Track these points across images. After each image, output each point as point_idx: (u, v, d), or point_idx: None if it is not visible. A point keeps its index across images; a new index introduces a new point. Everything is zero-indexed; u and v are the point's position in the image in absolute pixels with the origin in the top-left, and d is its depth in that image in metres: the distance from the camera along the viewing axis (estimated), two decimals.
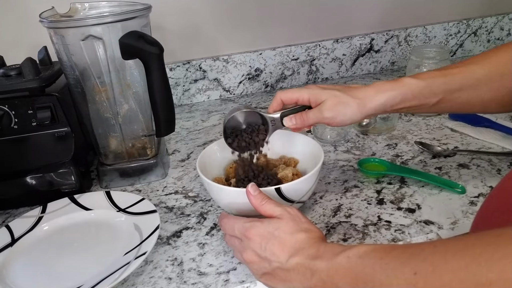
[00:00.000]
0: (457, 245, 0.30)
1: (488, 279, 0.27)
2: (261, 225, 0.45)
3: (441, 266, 0.29)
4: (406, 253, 0.33)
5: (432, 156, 0.73)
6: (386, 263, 0.34)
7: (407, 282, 0.31)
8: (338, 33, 1.13)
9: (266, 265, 0.44)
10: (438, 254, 0.31)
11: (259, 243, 0.44)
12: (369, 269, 0.35)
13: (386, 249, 0.36)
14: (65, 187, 0.68)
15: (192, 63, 1.04)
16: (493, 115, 0.85)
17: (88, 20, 0.61)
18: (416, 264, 0.31)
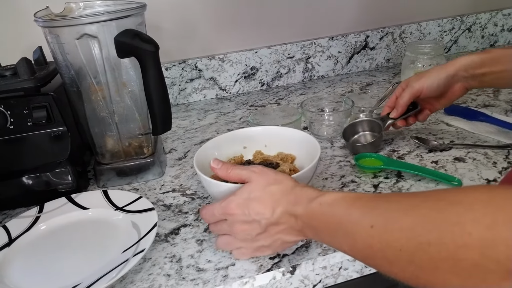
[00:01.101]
0: (406, 204, 0.34)
1: (428, 239, 0.30)
2: (236, 197, 0.48)
3: (393, 223, 0.34)
4: (367, 206, 0.38)
5: (428, 151, 0.73)
6: (350, 214, 0.38)
7: (366, 234, 0.36)
8: (333, 30, 1.14)
9: (256, 226, 0.46)
10: (391, 211, 0.35)
11: (242, 212, 0.47)
12: (337, 217, 0.40)
13: (351, 199, 0.40)
14: (62, 187, 0.68)
15: (188, 62, 1.04)
16: (488, 109, 0.85)
17: (83, 19, 0.61)
18: (373, 218, 0.36)
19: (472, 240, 0.28)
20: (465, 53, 1.25)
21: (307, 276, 0.51)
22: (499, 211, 0.27)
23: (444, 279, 0.30)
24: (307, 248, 0.53)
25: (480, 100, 0.91)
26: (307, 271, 0.51)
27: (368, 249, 0.36)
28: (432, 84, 0.66)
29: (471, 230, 0.28)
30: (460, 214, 0.29)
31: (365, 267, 0.54)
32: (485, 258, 0.27)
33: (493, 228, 0.27)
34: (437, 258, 0.30)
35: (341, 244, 0.40)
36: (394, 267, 0.34)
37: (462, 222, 0.29)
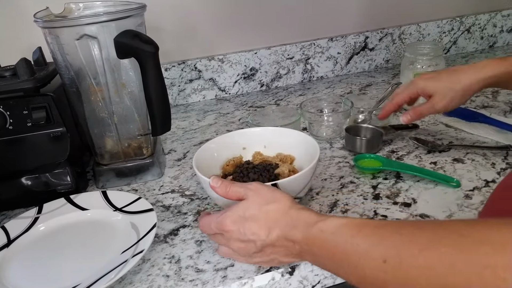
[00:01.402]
0: (422, 238, 0.31)
1: (452, 283, 0.28)
2: (231, 213, 0.46)
3: (409, 261, 0.30)
4: (375, 235, 0.34)
5: (427, 151, 0.73)
6: (357, 244, 0.35)
7: (377, 268, 0.33)
8: (333, 31, 1.14)
9: (252, 245, 0.45)
10: (405, 245, 0.31)
11: (237, 229, 0.45)
12: (342, 246, 0.36)
13: (356, 226, 0.37)
14: (61, 187, 0.68)
15: (187, 63, 1.04)
16: (487, 110, 0.85)
17: (82, 19, 0.61)
18: (385, 251, 0.32)
19: (507, 286, 0.25)
20: (464, 54, 1.25)
21: (306, 277, 0.51)
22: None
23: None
24: None
25: (479, 101, 0.91)
26: (306, 272, 0.51)
27: (380, 283, 0.33)
28: (453, 107, 0.64)
29: (504, 275, 0.25)
30: (490, 256, 0.27)
31: None
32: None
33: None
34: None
35: (348, 275, 0.37)
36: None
37: (492, 266, 0.26)
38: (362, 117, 0.82)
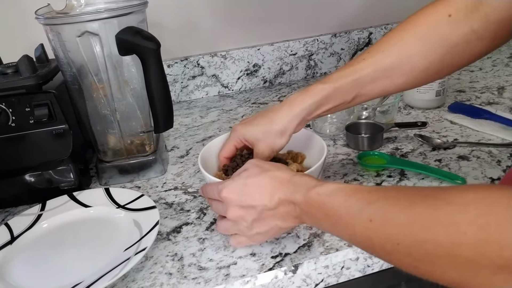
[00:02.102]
0: (404, 201, 0.35)
1: (424, 238, 0.32)
2: (232, 182, 0.48)
3: (390, 220, 0.35)
4: (364, 199, 0.38)
5: (432, 149, 0.73)
6: (349, 206, 0.39)
7: (365, 227, 0.37)
8: (336, 27, 1.13)
9: (252, 211, 0.46)
10: (389, 208, 0.36)
11: (237, 197, 0.47)
12: (336, 208, 0.40)
13: (348, 190, 0.41)
14: (64, 184, 0.68)
15: (190, 59, 1.04)
16: (493, 107, 0.84)
17: (84, 16, 0.61)
18: (371, 212, 0.37)
19: (467, 240, 0.30)
20: None
21: (309, 275, 0.51)
22: (490, 214, 0.29)
23: (442, 272, 0.32)
24: (309, 247, 0.53)
25: (484, 98, 0.90)
26: (309, 270, 0.51)
27: (367, 240, 0.38)
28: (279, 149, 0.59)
29: (466, 230, 0.30)
30: (455, 214, 0.31)
31: (367, 266, 0.53)
32: (479, 256, 0.29)
33: (486, 229, 0.29)
34: (434, 254, 0.32)
35: (341, 233, 0.41)
36: (393, 258, 0.36)
37: (457, 223, 0.30)
38: (366, 114, 0.81)
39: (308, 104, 0.56)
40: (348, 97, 0.56)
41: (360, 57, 0.56)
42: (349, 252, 0.52)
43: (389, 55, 0.54)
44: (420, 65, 0.53)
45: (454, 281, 0.32)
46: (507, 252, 0.28)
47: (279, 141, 0.58)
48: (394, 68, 0.54)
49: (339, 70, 0.56)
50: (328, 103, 0.56)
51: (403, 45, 0.53)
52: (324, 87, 0.55)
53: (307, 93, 0.56)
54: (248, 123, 0.60)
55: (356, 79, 0.55)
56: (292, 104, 0.57)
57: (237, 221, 0.48)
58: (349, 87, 0.55)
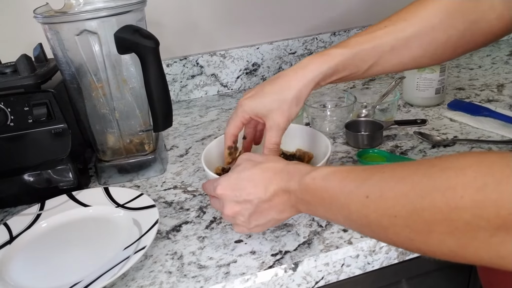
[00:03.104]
0: (400, 173, 0.35)
1: (422, 205, 0.32)
2: (225, 178, 0.48)
3: (387, 192, 0.35)
4: (360, 177, 0.38)
5: (432, 146, 0.72)
6: (344, 186, 0.39)
7: (361, 204, 0.36)
8: (335, 26, 1.13)
9: (248, 206, 0.46)
10: (385, 180, 0.35)
11: (232, 193, 0.47)
12: (331, 190, 0.40)
13: (344, 172, 0.40)
14: (63, 184, 0.68)
15: (189, 58, 1.03)
16: (492, 104, 0.84)
17: (82, 15, 0.60)
18: (368, 188, 0.36)
19: (464, 203, 0.29)
20: None
21: (309, 273, 0.51)
22: (488, 174, 0.29)
23: (439, 240, 0.32)
24: (309, 245, 0.53)
25: (484, 95, 0.90)
26: (309, 268, 0.51)
27: (363, 218, 0.37)
28: (294, 118, 0.55)
29: (462, 193, 0.29)
30: (452, 178, 0.31)
31: (368, 263, 0.53)
32: (477, 218, 0.29)
33: (483, 190, 0.29)
34: (432, 221, 0.31)
35: (336, 216, 0.40)
36: (389, 233, 0.35)
37: (453, 187, 0.30)
38: (365, 112, 0.81)
39: (325, 68, 0.52)
40: (365, 65, 0.53)
41: (382, 24, 0.54)
42: (349, 250, 0.52)
43: (412, 24, 0.52)
44: (439, 38, 0.52)
45: (451, 249, 0.31)
46: (505, 211, 0.27)
47: (294, 108, 0.53)
48: (415, 39, 0.52)
49: (358, 35, 0.54)
50: (345, 69, 0.53)
51: (426, 15, 0.52)
52: (343, 52, 0.52)
53: (323, 56, 0.53)
54: (256, 94, 0.54)
55: (376, 46, 0.52)
56: (307, 67, 0.52)
57: (234, 216, 0.48)
58: (368, 54, 0.53)
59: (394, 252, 0.54)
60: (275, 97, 0.53)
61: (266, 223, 0.48)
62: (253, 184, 0.46)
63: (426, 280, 0.63)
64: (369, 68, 0.54)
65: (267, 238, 0.55)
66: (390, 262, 0.54)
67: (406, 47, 0.53)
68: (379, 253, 0.53)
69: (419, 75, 0.85)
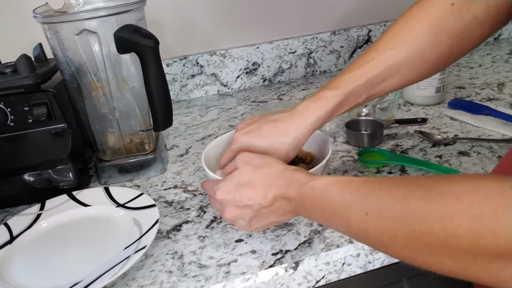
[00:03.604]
0: (397, 193, 0.35)
1: (420, 229, 0.32)
2: (225, 183, 0.48)
3: (386, 212, 0.35)
4: (359, 192, 0.38)
5: (432, 145, 0.72)
6: (343, 199, 0.39)
7: (361, 220, 0.37)
8: (335, 25, 1.13)
9: (248, 211, 0.47)
10: (383, 200, 0.36)
11: (232, 198, 0.47)
12: (331, 202, 0.40)
13: (343, 183, 0.40)
14: (63, 184, 0.68)
15: (189, 58, 1.03)
16: (493, 103, 0.84)
17: (82, 14, 0.60)
18: (367, 206, 0.37)
19: (461, 231, 0.30)
20: None
21: (310, 272, 0.51)
22: (484, 203, 0.29)
23: (439, 261, 0.32)
24: (309, 244, 0.53)
25: (484, 94, 0.90)
26: (310, 267, 0.50)
27: (364, 233, 0.38)
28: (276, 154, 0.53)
29: (460, 222, 0.30)
30: (448, 205, 0.31)
31: (368, 262, 0.53)
32: (475, 246, 0.29)
33: (480, 220, 0.29)
34: (430, 245, 0.32)
35: (337, 226, 0.41)
36: (390, 250, 0.36)
37: (450, 214, 0.30)
38: (366, 111, 0.81)
39: (322, 113, 0.53)
40: (360, 100, 0.55)
41: (368, 55, 0.54)
42: (350, 249, 0.52)
43: (399, 51, 0.52)
44: (429, 58, 0.53)
45: (451, 270, 0.32)
46: (503, 241, 0.28)
47: (292, 153, 0.54)
48: (405, 64, 0.53)
49: (348, 72, 0.54)
50: (342, 108, 0.54)
51: (412, 40, 0.52)
52: (337, 94, 0.53)
53: (319, 101, 0.53)
54: (254, 133, 0.54)
55: (368, 80, 0.53)
56: (305, 114, 0.53)
57: (235, 220, 0.48)
58: (361, 90, 0.53)
59: None
60: (273, 141, 0.53)
61: (267, 225, 0.49)
62: (254, 191, 0.46)
63: (427, 279, 0.63)
64: (365, 100, 0.55)
65: (267, 237, 0.55)
66: (391, 261, 0.54)
67: (397, 73, 0.53)
68: (380, 252, 0.53)
69: None
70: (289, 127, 0.53)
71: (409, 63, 0.53)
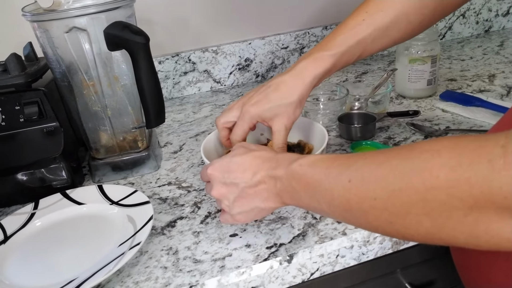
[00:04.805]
0: (381, 158, 0.36)
1: (399, 186, 0.33)
2: (218, 160, 0.50)
3: (368, 176, 0.36)
4: (344, 164, 0.39)
5: (424, 137, 0.73)
6: (329, 172, 0.40)
7: (344, 188, 0.38)
8: (327, 20, 1.13)
9: (234, 189, 0.48)
10: (367, 166, 0.37)
11: (221, 175, 0.49)
12: (317, 176, 0.41)
13: (330, 159, 0.41)
14: (56, 182, 0.67)
15: (181, 55, 1.03)
16: (483, 94, 0.85)
17: (71, 12, 0.60)
18: (350, 173, 0.38)
19: (439, 182, 0.30)
20: (459, 39, 1.24)
21: (304, 265, 0.51)
22: (461, 155, 0.30)
23: (416, 221, 0.33)
24: (303, 237, 0.53)
25: (476, 86, 0.91)
26: (304, 260, 0.51)
27: (345, 203, 0.38)
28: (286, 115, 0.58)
29: (438, 173, 0.31)
30: (428, 160, 0.32)
31: (362, 254, 0.53)
32: (451, 197, 0.30)
33: (457, 170, 0.30)
34: (409, 202, 0.33)
35: (320, 202, 0.41)
36: (370, 216, 0.36)
37: (430, 167, 0.31)
38: (358, 105, 0.82)
39: (319, 72, 0.57)
40: (352, 59, 0.58)
41: (359, 17, 0.58)
42: (344, 241, 0.52)
43: (388, 14, 0.56)
44: (415, 20, 0.57)
45: (428, 230, 0.33)
46: (477, 189, 0.28)
47: (298, 111, 0.58)
48: (393, 26, 0.57)
49: (341, 33, 0.58)
50: (336, 67, 0.58)
51: (399, 3, 0.56)
52: (332, 54, 0.57)
53: (316, 61, 0.57)
54: (261, 101, 0.58)
55: (360, 40, 0.57)
56: (304, 73, 0.57)
57: (220, 199, 0.49)
58: (354, 50, 0.57)
59: (388, 242, 0.54)
60: (279, 103, 0.57)
61: (249, 211, 0.48)
62: (242, 169, 0.47)
63: (421, 269, 0.64)
64: (354, 60, 0.59)
65: (261, 231, 0.55)
66: (385, 252, 0.55)
67: (385, 35, 0.58)
68: (374, 244, 0.53)
69: (410, 66, 0.85)
70: (293, 88, 0.57)
71: (396, 25, 0.57)
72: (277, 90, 0.58)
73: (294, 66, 0.59)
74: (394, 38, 0.59)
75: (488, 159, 0.28)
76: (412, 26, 0.58)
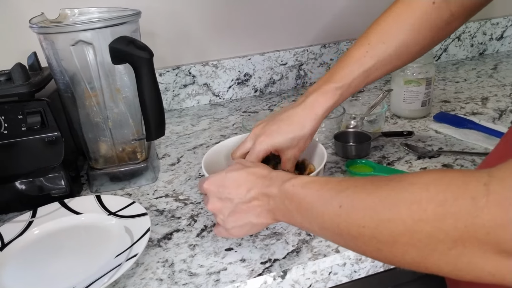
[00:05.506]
0: (371, 187, 0.37)
1: (388, 217, 0.34)
2: (213, 175, 0.52)
3: (358, 204, 0.37)
4: (335, 189, 0.41)
5: (417, 157, 0.75)
6: (321, 195, 0.41)
7: (334, 213, 0.39)
8: (326, 38, 1.15)
9: (228, 204, 0.49)
10: (357, 194, 0.38)
11: (216, 190, 0.50)
12: (309, 198, 0.42)
13: (323, 182, 0.43)
14: (55, 191, 0.68)
15: (181, 68, 1.05)
16: (476, 117, 0.87)
17: (77, 26, 0.62)
18: (341, 199, 0.39)
19: (427, 215, 0.32)
20: (454, 61, 1.27)
21: (297, 281, 0.52)
22: (448, 190, 0.31)
23: (403, 250, 0.34)
24: (297, 253, 0.54)
25: (469, 108, 0.93)
26: (297, 276, 0.52)
27: (335, 227, 0.39)
28: (297, 147, 0.62)
29: (426, 207, 0.32)
30: (417, 193, 0.33)
31: (354, 271, 0.55)
32: (437, 230, 0.31)
33: (443, 204, 0.31)
34: (396, 232, 0.34)
35: (311, 224, 0.43)
36: (359, 241, 0.38)
37: (419, 200, 0.33)
38: (354, 123, 0.83)
39: (329, 105, 0.60)
40: (358, 88, 0.62)
41: (362, 48, 0.61)
42: (337, 258, 0.53)
43: (390, 46, 0.60)
44: (414, 50, 0.61)
45: (414, 260, 0.34)
46: (461, 223, 0.30)
47: (308, 142, 0.62)
48: (394, 56, 0.60)
49: (346, 65, 0.61)
50: (343, 97, 0.62)
51: (400, 35, 0.59)
52: (340, 86, 0.60)
53: (325, 94, 0.61)
54: (274, 132, 0.61)
55: (364, 71, 0.60)
56: (314, 106, 0.61)
57: (215, 213, 0.51)
58: (359, 81, 0.61)
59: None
60: (293, 135, 0.60)
61: (243, 226, 0.49)
62: (237, 185, 0.49)
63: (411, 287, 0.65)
64: (360, 88, 0.63)
65: (256, 246, 0.56)
66: (376, 270, 0.56)
67: (388, 64, 0.61)
68: (366, 262, 0.54)
69: (405, 87, 0.87)
70: (304, 120, 0.61)
71: (397, 55, 0.61)
72: (289, 122, 0.61)
73: (305, 99, 0.61)
74: (395, 66, 0.62)
75: (471, 196, 0.30)
76: (412, 55, 0.62)
